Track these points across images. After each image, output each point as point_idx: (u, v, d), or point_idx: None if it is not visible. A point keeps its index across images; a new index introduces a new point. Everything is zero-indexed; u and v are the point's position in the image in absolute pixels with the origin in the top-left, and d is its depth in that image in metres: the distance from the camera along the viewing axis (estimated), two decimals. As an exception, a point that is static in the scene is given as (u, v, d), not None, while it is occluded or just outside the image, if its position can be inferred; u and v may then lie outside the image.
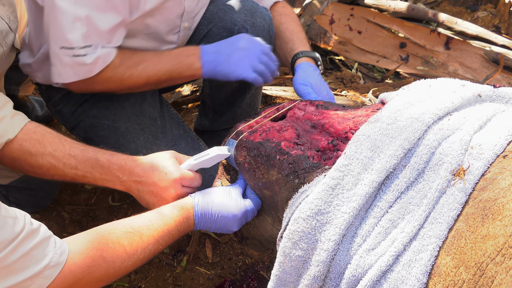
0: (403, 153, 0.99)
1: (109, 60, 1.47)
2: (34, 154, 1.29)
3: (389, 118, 1.04)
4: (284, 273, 1.08)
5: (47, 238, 0.96)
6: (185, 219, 1.20)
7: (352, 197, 0.99)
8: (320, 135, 1.18)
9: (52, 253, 0.96)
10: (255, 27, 1.74)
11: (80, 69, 1.45)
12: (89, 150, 1.32)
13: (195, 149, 1.75)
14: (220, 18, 1.75)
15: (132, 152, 1.66)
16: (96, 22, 1.40)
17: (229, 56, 1.51)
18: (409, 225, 0.94)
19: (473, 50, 2.74)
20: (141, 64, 1.52)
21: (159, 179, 1.27)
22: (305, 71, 1.60)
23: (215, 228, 1.25)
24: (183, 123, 1.80)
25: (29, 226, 0.94)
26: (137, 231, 1.11)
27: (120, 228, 1.10)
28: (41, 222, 0.99)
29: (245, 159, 1.19)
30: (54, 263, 0.95)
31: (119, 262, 1.06)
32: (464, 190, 0.91)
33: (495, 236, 0.83)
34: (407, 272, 0.93)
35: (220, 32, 1.75)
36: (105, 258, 1.03)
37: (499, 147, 0.92)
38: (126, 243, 1.08)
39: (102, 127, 1.68)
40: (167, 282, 1.79)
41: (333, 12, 2.86)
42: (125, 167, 1.30)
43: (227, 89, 1.88)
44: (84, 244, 1.03)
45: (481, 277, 0.83)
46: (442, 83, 1.10)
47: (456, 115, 1.02)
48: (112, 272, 1.05)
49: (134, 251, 1.08)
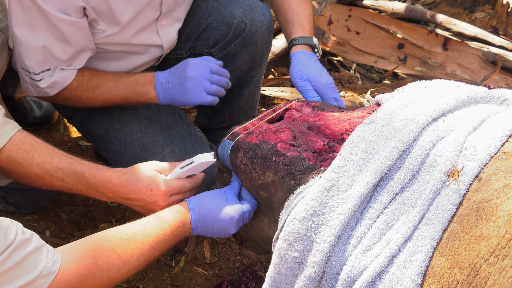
0: (398, 154, 0.99)
1: (66, 83, 1.49)
2: (22, 165, 1.30)
3: (384, 119, 1.04)
4: (280, 275, 1.08)
5: (39, 248, 0.96)
6: (181, 224, 1.19)
7: (347, 198, 0.99)
8: (316, 136, 1.19)
9: (45, 262, 0.95)
10: (254, 22, 1.74)
11: (38, 89, 1.49)
12: (76, 163, 1.33)
13: (190, 134, 1.75)
14: (220, 12, 1.75)
15: (127, 135, 1.68)
16: (54, 51, 1.42)
17: (181, 85, 1.51)
18: (404, 226, 0.95)
19: (471, 51, 2.74)
20: (98, 88, 1.53)
21: (146, 195, 1.29)
22: (300, 61, 1.58)
23: (212, 232, 1.24)
24: (179, 110, 1.81)
25: (21, 236, 0.93)
26: (131, 238, 1.10)
27: (115, 235, 1.10)
28: (33, 232, 0.99)
29: (241, 160, 1.20)
30: (46, 273, 0.95)
31: (114, 270, 1.05)
32: (458, 191, 0.91)
33: (488, 237, 0.83)
34: (402, 273, 0.93)
35: (219, 25, 1.75)
36: (100, 266, 1.03)
37: (493, 148, 0.93)
38: (120, 250, 1.07)
39: (96, 113, 1.70)
40: (165, 283, 1.79)
41: (331, 13, 2.86)
42: (109, 185, 1.31)
43: None
44: (78, 252, 1.03)
45: (475, 278, 0.83)
46: (437, 85, 1.10)
47: (450, 116, 1.02)
48: (107, 280, 1.05)
49: (129, 258, 1.08)
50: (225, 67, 1.82)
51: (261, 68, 1.92)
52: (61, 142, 2.34)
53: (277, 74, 2.76)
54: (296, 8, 1.71)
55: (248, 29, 1.75)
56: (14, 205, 1.90)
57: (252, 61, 1.85)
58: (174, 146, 1.71)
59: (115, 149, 1.72)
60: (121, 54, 1.62)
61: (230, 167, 1.25)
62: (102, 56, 1.59)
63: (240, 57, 1.80)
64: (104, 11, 1.43)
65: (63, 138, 2.36)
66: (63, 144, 2.33)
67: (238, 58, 1.80)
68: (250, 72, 1.88)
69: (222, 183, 1.38)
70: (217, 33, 1.76)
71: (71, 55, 1.45)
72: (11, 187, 1.82)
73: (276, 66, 2.78)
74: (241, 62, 1.81)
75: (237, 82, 1.88)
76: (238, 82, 1.88)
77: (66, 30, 1.38)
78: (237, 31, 1.75)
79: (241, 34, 1.75)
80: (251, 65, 1.86)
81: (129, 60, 1.66)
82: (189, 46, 1.81)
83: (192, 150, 1.73)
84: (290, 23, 1.70)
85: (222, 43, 1.77)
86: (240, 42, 1.77)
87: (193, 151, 1.74)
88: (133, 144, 1.69)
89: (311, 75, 1.53)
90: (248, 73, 1.88)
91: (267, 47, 1.87)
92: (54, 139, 2.34)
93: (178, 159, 1.71)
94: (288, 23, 1.70)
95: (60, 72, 1.47)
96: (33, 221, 1.98)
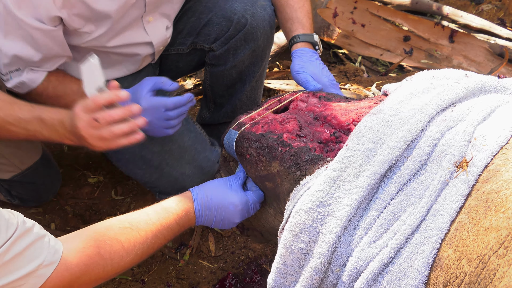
0: (406, 144, 0.98)
1: (33, 85, 1.47)
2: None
3: (391, 109, 1.03)
4: (285, 266, 1.07)
5: (40, 237, 0.95)
6: (185, 213, 1.19)
7: (354, 189, 0.98)
8: (323, 127, 1.18)
9: (46, 252, 0.95)
10: (255, 17, 1.73)
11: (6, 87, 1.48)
12: (35, 109, 1.33)
13: (190, 131, 1.74)
14: (220, 7, 1.74)
15: None
16: (24, 56, 1.40)
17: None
18: (411, 217, 0.94)
19: (477, 43, 2.72)
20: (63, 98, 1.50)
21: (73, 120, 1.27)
22: (301, 59, 1.57)
23: (216, 221, 1.24)
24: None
25: (22, 226, 0.93)
26: (134, 226, 1.10)
27: (117, 224, 1.10)
28: (35, 221, 0.98)
29: (247, 150, 1.19)
30: (48, 262, 0.95)
31: (117, 258, 1.05)
32: (467, 182, 0.90)
33: (497, 229, 0.82)
34: (409, 264, 0.92)
35: (220, 21, 1.74)
36: (102, 255, 1.03)
37: (503, 139, 0.91)
38: (123, 239, 1.07)
39: None
40: (170, 276, 1.79)
41: (336, 5, 2.84)
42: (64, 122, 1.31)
43: (227, 80, 1.87)
44: (81, 242, 1.02)
45: (483, 270, 0.82)
46: (446, 74, 1.09)
47: (459, 106, 1.01)
48: (110, 269, 1.04)
49: (132, 247, 1.08)
50: (227, 63, 1.81)
51: (263, 63, 1.91)
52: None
53: (282, 67, 2.74)
54: (295, 4, 1.69)
55: (249, 25, 1.74)
56: (19, 198, 1.91)
57: (254, 56, 1.84)
58: (173, 144, 1.70)
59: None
60: (106, 58, 1.58)
61: (235, 157, 1.25)
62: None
63: (241, 53, 1.79)
64: (89, 16, 1.41)
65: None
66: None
67: (240, 53, 1.79)
68: (252, 67, 1.87)
69: (228, 172, 1.37)
70: (218, 29, 1.75)
71: (42, 58, 1.43)
72: (15, 180, 1.83)
73: (281, 58, 2.76)
74: (243, 57, 1.81)
75: (239, 77, 1.87)
76: (240, 77, 1.87)
77: (38, 38, 1.36)
78: (238, 26, 1.74)
79: (242, 30, 1.74)
80: (252, 60, 1.85)
81: (119, 66, 1.65)
82: (190, 41, 1.81)
83: (191, 148, 1.73)
84: (289, 20, 1.68)
85: (223, 38, 1.76)
86: (241, 38, 1.76)
87: (193, 148, 1.73)
88: None
89: (312, 72, 1.52)
90: (250, 68, 1.87)
91: (269, 42, 1.86)
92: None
93: (176, 157, 1.71)
94: (287, 20, 1.69)
95: (29, 73, 1.45)
96: (38, 214, 1.98)
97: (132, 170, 1.76)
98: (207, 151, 1.77)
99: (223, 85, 1.89)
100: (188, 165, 1.73)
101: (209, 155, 1.76)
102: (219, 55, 1.80)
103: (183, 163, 1.73)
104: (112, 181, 2.11)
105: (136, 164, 1.73)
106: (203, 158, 1.75)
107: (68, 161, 2.20)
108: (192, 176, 1.74)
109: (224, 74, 1.85)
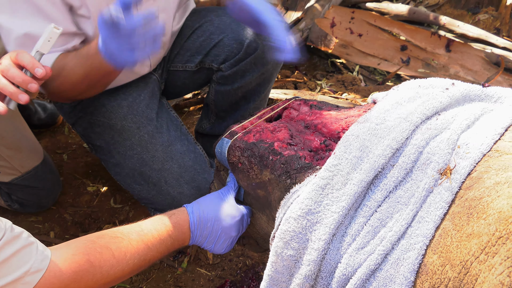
0: (391, 152, 0.99)
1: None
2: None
3: (377, 118, 1.05)
4: (277, 273, 1.09)
5: (28, 245, 0.95)
6: (178, 226, 1.19)
7: (342, 196, 1.00)
8: (313, 135, 1.19)
9: (34, 259, 0.94)
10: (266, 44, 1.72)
11: None
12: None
13: (191, 152, 1.76)
14: (232, 30, 1.75)
15: (127, 148, 1.68)
16: (34, 31, 1.35)
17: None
18: (397, 224, 0.95)
19: (474, 52, 2.74)
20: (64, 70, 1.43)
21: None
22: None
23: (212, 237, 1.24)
24: (182, 126, 1.82)
25: (9, 233, 0.92)
26: (126, 236, 1.10)
27: (109, 233, 1.10)
28: (23, 229, 0.97)
29: (239, 159, 1.21)
30: (35, 269, 0.94)
31: (107, 266, 1.04)
32: (450, 189, 0.92)
33: (479, 235, 0.84)
34: (395, 270, 0.93)
35: (231, 43, 1.75)
36: (92, 262, 1.02)
37: (486, 146, 0.93)
38: (114, 247, 1.06)
39: (98, 124, 1.69)
40: (168, 284, 1.80)
41: (334, 15, 2.87)
42: None
43: (232, 98, 1.88)
44: (71, 250, 1.02)
45: (466, 275, 0.84)
46: (432, 83, 1.10)
47: (444, 114, 1.03)
48: (100, 278, 1.03)
49: (123, 256, 1.07)
50: (234, 83, 1.81)
51: (270, 85, 1.92)
52: (65, 144, 2.36)
53: (280, 77, 2.77)
54: None
55: (260, 49, 1.74)
56: (19, 202, 1.92)
57: (262, 79, 1.85)
58: (174, 163, 1.71)
59: (115, 161, 1.72)
60: None
61: (227, 166, 1.26)
62: None
63: (250, 75, 1.80)
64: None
65: (68, 141, 2.38)
66: (68, 146, 2.35)
67: (248, 75, 1.80)
68: (258, 88, 1.88)
69: (220, 181, 1.39)
70: (228, 50, 1.76)
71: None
72: (14, 183, 1.84)
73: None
74: (251, 79, 1.82)
75: (244, 96, 1.88)
76: (245, 96, 1.88)
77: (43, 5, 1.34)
78: (249, 50, 1.74)
79: (253, 54, 1.75)
80: (259, 82, 1.86)
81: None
82: (199, 60, 1.81)
83: (191, 168, 1.73)
84: None
85: (233, 60, 1.77)
86: (251, 61, 1.76)
87: (193, 169, 1.74)
88: (133, 158, 1.69)
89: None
90: (256, 88, 1.88)
91: (277, 66, 1.87)
92: (58, 142, 2.37)
93: (176, 177, 1.72)
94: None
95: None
96: (37, 222, 2.00)
97: (130, 185, 1.76)
98: (206, 172, 1.77)
99: (228, 102, 1.90)
100: (187, 185, 1.74)
101: (208, 177, 1.77)
102: (227, 76, 1.81)
103: (182, 182, 1.73)
104: (111, 190, 2.13)
105: (135, 180, 1.74)
106: (202, 180, 1.75)
107: (68, 170, 2.22)
108: (189, 196, 1.74)
109: (230, 93, 1.86)
